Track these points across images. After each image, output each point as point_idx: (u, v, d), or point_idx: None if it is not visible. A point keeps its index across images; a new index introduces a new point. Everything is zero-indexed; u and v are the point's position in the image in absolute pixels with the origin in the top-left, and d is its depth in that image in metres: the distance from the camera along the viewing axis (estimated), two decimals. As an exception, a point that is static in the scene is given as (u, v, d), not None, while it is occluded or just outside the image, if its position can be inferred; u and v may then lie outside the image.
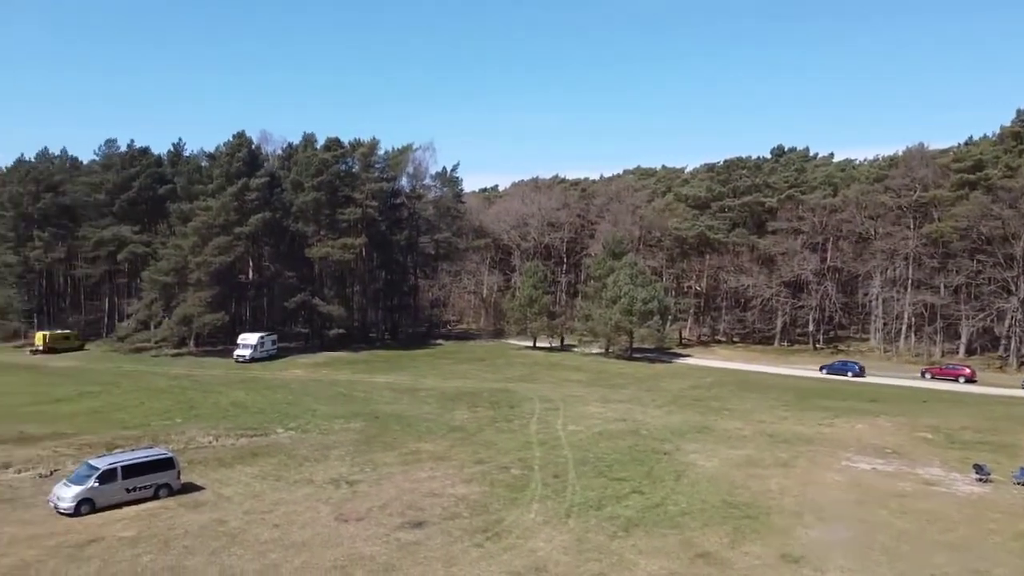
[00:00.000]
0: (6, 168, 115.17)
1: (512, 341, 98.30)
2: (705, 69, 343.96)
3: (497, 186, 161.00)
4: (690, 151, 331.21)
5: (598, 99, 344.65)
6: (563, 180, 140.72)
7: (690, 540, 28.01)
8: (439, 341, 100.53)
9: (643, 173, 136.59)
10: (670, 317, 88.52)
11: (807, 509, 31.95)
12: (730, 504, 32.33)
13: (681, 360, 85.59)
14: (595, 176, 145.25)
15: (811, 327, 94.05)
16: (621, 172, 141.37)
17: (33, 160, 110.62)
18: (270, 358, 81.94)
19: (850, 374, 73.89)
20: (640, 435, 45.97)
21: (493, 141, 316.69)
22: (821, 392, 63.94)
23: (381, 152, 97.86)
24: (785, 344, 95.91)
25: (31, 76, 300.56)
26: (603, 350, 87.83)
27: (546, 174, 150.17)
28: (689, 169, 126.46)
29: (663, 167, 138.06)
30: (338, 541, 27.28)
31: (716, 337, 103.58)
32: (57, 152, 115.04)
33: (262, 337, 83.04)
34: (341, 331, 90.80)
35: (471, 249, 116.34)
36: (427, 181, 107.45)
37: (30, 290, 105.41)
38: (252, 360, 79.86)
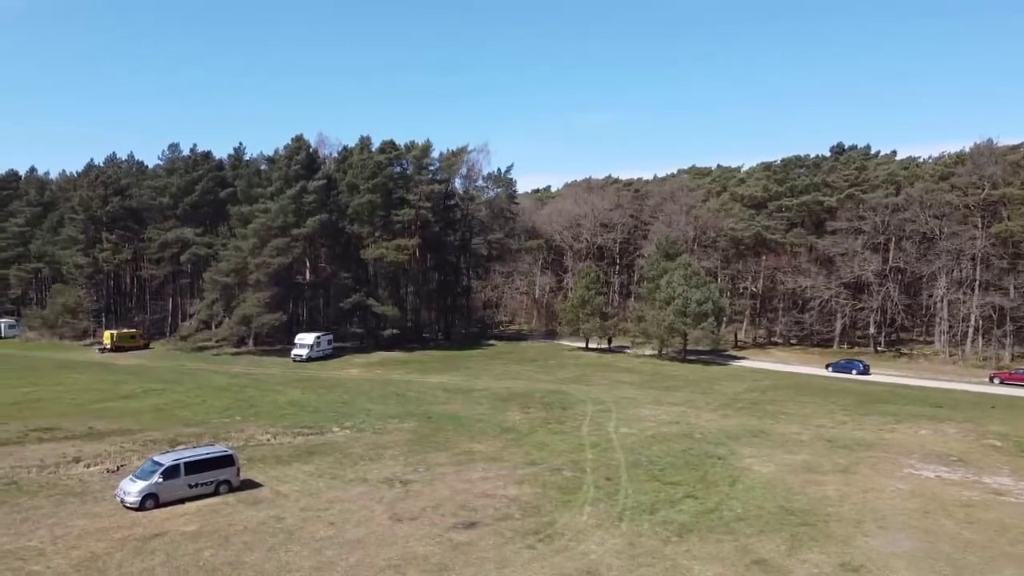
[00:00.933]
0: (77, 173, 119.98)
1: (564, 342, 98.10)
2: (762, 67, 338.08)
3: (550, 187, 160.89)
4: (746, 150, 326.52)
5: (651, 98, 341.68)
6: (616, 180, 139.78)
7: (746, 547, 27.54)
8: (492, 342, 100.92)
9: (697, 173, 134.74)
10: (725, 319, 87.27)
11: (868, 517, 31.11)
12: (787, 510, 31.69)
13: (736, 362, 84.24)
14: (648, 176, 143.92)
15: (872, 330, 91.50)
16: (675, 172, 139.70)
17: (102, 165, 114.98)
18: (326, 357, 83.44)
19: (854, 372, 75.22)
20: (694, 438, 45.40)
21: (546, 142, 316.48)
22: (883, 396, 62.17)
23: (435, 154, 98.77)
24: (845, 347, 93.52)
25: (102, 82, 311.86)
26: (656, 352, 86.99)
27: (599, 174, 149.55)
28: (745, 168, 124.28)
29: (718, 166, 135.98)
30: (392, 540, 27.60)
31: (773, 339, 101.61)
32: (124, 157, 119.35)
33: (318, 337, 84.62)
34: (395, 331, 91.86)
35: (524, 250, 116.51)
36: (481, 182, 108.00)
37: (99, 290, 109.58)
38: (309, 359, 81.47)
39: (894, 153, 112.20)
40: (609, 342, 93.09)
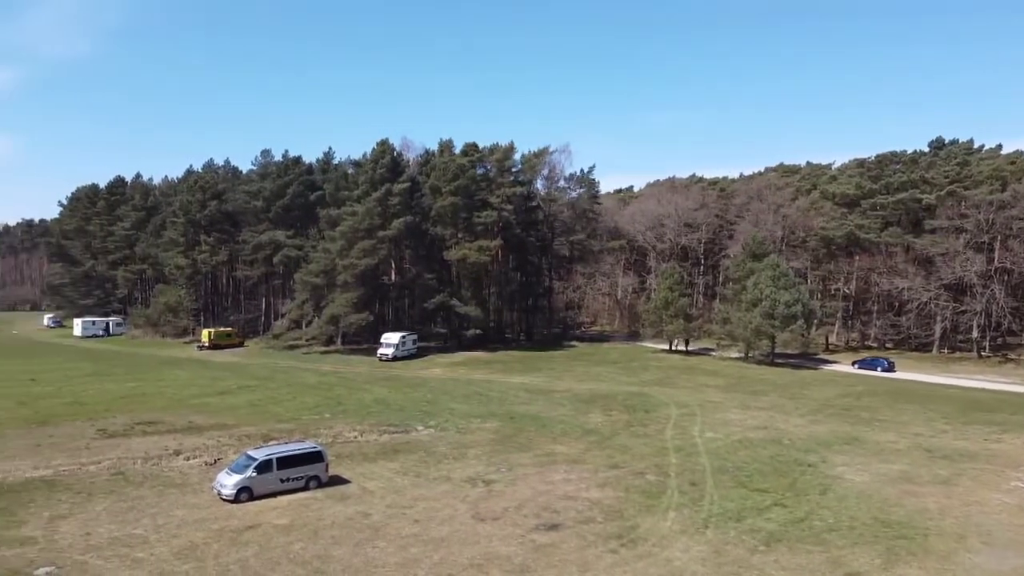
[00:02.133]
0: (177, 179, 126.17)
1: (647, 344, 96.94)
2: (854, 62, 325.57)
3: (632, 187, 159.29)
4: (837, 147, 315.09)
5: (738, 95, 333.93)
6: (700, 179, 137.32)
7: (837, 559, 26.55)
8: (573, 343, 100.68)
9: (786, 170, 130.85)
10: (815, 321, 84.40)
11: (971, 532, 29.53)
12: (882, 522, 30.39)
13: (828, 366, 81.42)
14: (734, 175, 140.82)
15: (975, 334, 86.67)
16: (762, 170, 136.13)
17: (200, 171, 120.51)
18: (410, 357, 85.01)
19: (879, 369, 77.33)
20: (783, 445, 44.12)
21: (629, 141, 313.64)
22: (988, 404, 58.91)
23: (517, 156, 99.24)
24: (945, 351, 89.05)
25: (201, 93, 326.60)
26: (742, 355, 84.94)
27: (683, 174, 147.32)
28: (837, 165, 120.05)
29: (808, 164, 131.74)
30: (475, 539, 27.87)
31: (866, 343, 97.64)
32: (220, 163, 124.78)
33: (403, 336, 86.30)
34: (477, 331, 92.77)
35: (606, 251, 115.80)
36: (562, 183, 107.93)
37: (197, 290, 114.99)
38: (394, 358, 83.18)
39: (999, 147, 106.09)
40: (686, 344, 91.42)
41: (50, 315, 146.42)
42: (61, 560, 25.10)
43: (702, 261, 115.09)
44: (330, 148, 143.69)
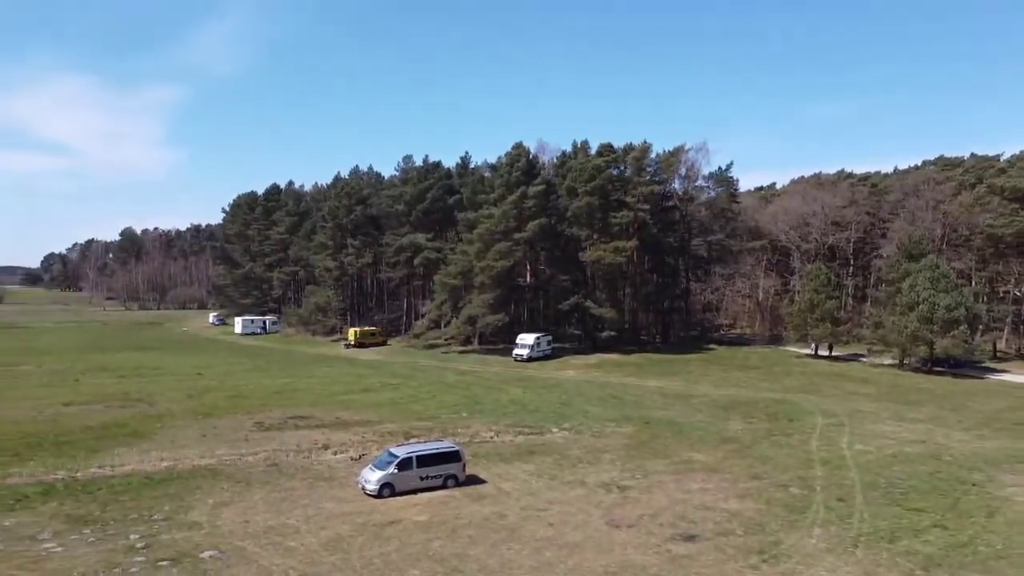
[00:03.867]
0: (326, 185, 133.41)
1: (790, 348, 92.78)
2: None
3: (775, 184, 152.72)
4: (1007, 136, 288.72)
5: (892, 84, 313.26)
6: (849, 175, 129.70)
7: (1007, 589, 24.37)
8: (711, 346, 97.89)
9: (946, 164, 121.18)
10: (980, 327, 77.82)
11: None
12: (1061, 552, 27.58)
13: (995, 376, 74.88)
14: (887, 169, 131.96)
15: None
16: (919, 164, 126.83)
17: (347, 177, 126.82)
18: (545, 358, 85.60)
19: None
20: (942, 461, 40.96)
21: (771, 137, 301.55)
22: None
23: (653, 155, 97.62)
24: None
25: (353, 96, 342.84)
26: (896, 361, 79.58)
27: (830, 169, 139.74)
28: (1006, 156, 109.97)
29: (972, 155, 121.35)
30: (609, 547, 27.65)
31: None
32: (365, 169, 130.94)
33: (538, 338, 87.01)
34: (612, 333, 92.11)
35: (746, 251, 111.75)
36: (700, 182, 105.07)
37: (344, 291, 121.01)
38: (529, 359, 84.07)
39: None
40: (830, 349, 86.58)
41: (214, 313, 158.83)
42: (223, 545, 27.09)
43: (851, 261, 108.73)
44: (467, 152, 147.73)
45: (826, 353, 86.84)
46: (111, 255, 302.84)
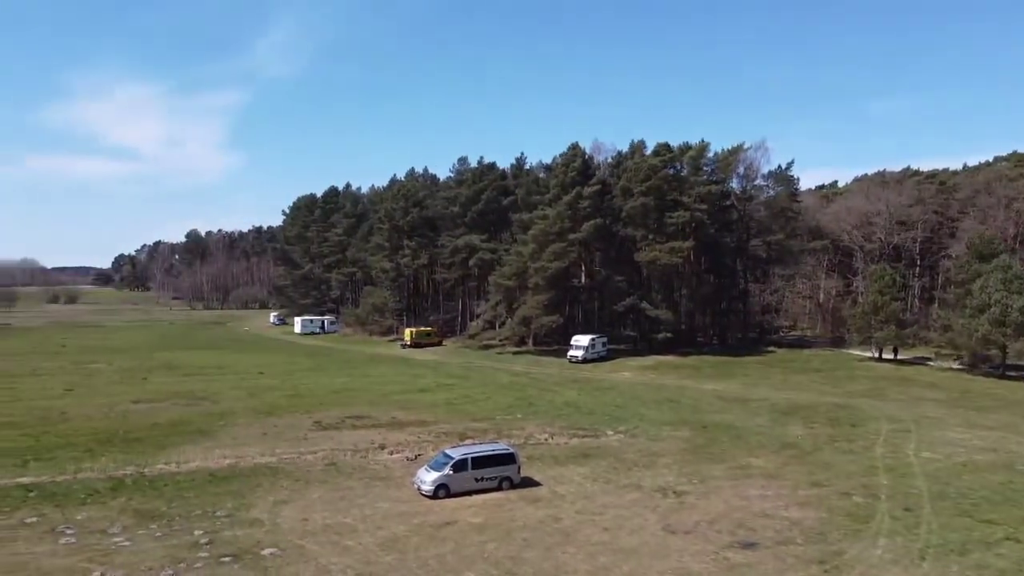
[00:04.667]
0: (383, 187, 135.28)
1: (853, 351, 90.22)
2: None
3: (836, 182, 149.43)
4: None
5: (960, 77, 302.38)
6: (916, 172, 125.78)
7: (1087, 608, 23.23)
8: (771, 348, 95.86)
9: (1020, 159, 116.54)
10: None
11: None
12: None
13: (1074, 382, 71.54)
14: (956, 166, 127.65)
15: None
16: (990, 160, 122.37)
17: (402, 179, 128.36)
18: (600, 359, 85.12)
19: None
20: (1016, 471, 39.26)
21: (833, 134, 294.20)
22: None
23: (710, 154, 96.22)
24: None
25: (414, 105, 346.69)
26: (966, 366, 76.70)
27: (895, 166, 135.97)
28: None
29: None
30: (665, 553, 27.29)
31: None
32: (421, 171, 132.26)
33: (593, 339, 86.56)
34: (668, 335, 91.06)
35: (806, 251, 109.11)
36: (759, 181, 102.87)
37: (401, 292, 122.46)
38: (584, 361, 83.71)
39: None
40: (895, 352, 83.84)
41: (275, 313, 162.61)
42: (283, 543, 27.64)
43: (918, 262, 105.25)
44: (522, 153, 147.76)
45: (890, 356, 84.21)
46: (177, 256, 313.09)
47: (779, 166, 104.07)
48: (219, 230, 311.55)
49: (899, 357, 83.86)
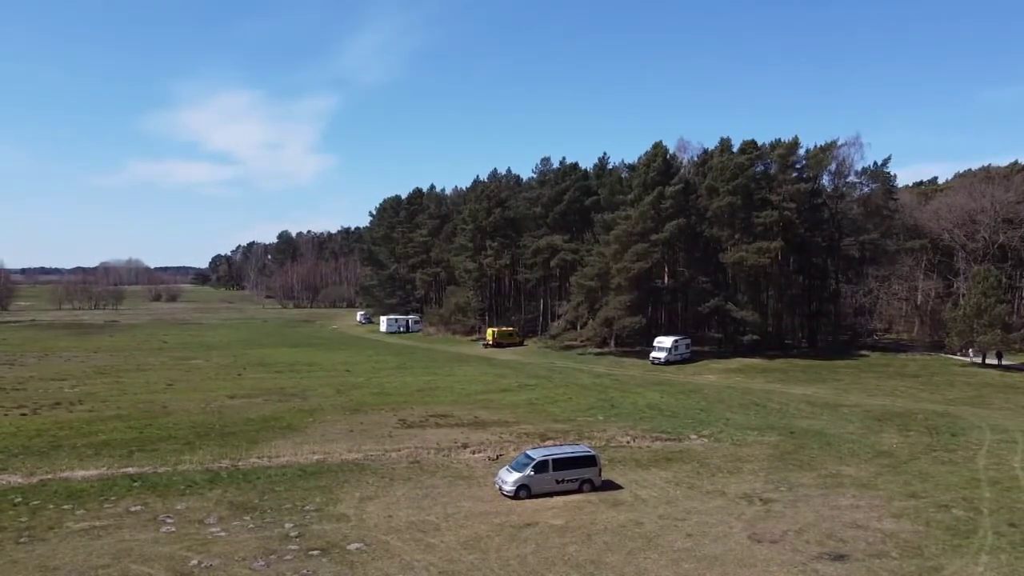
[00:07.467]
0: (466, 188, 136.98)
1: (953, 356, 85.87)
2: None
3: (936, 179, 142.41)
4: None
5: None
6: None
7: None
8: (864, 352, 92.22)
9: None
10: None
11: None
12: None
13: None
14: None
15: None
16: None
17: (485, 180, 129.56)
18: (683, 361, 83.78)
19: None
20: None
21: (934, 128, 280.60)
22: None
23: (801, 151, 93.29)
24: None
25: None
26: (1081, 373, 71.95)
27: (1001, 161, 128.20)
28: None
29: None
30: (751, 562, 26.65)
31: None
32: (503, 171, 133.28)
33: (676, 341, 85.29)
34: (755, 337, 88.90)
35: (903, 251, 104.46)
36: (852, 178, 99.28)
37: (483, 292, 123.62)
38: (667, 363, 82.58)
39: None
40: (999, 357, 79.18)
41: (361, 312, 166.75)
42: (368, 538, 28.36)
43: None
44: (605, 153, 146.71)
45: (994, 362, 79.71)
46: (270, 256, 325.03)
47: (874, 162, 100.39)
48: (308, 231, 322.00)
49: (1004, 363, 79.33)
